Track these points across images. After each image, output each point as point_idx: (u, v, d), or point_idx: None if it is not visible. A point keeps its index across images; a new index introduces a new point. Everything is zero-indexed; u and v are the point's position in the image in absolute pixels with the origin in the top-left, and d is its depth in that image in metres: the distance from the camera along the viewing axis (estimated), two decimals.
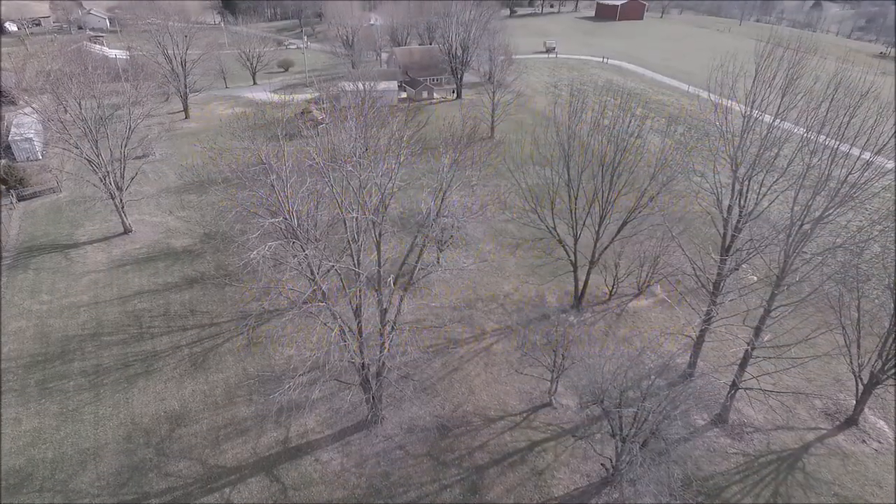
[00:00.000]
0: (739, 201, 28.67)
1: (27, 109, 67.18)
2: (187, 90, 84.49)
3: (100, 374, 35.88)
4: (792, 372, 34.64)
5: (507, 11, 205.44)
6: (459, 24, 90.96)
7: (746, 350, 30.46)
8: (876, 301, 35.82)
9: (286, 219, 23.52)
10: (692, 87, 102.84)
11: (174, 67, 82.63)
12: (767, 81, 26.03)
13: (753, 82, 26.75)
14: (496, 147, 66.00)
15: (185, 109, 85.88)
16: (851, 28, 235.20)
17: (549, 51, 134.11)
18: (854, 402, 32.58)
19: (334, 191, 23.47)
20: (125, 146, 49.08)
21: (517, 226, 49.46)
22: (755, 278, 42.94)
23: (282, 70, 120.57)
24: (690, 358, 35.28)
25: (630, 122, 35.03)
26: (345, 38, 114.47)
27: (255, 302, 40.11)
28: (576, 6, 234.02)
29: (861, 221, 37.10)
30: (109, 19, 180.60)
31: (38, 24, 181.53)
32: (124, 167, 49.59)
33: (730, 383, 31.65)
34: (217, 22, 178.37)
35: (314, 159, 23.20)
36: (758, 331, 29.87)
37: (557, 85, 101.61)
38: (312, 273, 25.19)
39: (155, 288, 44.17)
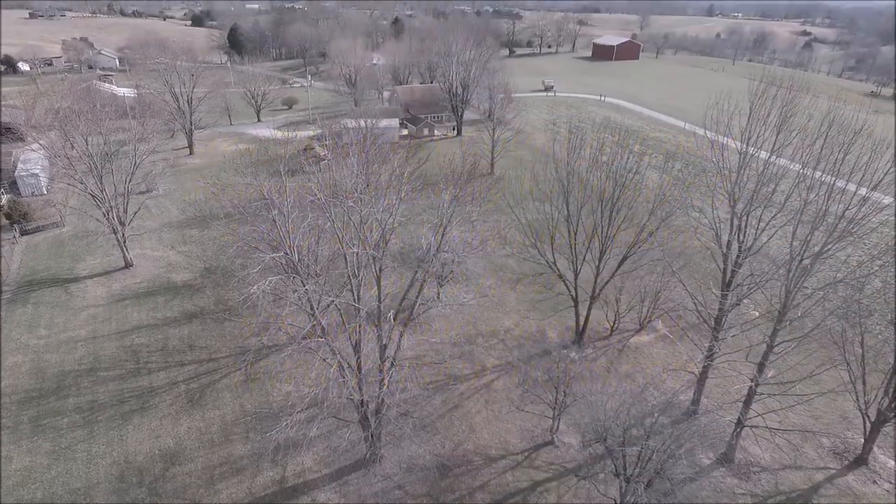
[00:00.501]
0: (738, 236, 28.83)
1: (34, 146, 68.36)
2: (192, 127, 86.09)
3: (94, 410, 35.32)
4: (798, 409, 34.07)
5: (507, 51, 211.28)
6: (460, 64, 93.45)
7: (750, 387, 30.05)
8: (879, 337, 35.59)
9: (287, 254, 23.63)
10: (688, 124, 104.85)
11: (181, 105, 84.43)
12: (762, 119, 26.56)
13: (748, 120, 27.30)
14: (496, 183, 66.75)
15: (190, 146, 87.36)
16: (842, 68, 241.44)
17: (547, 89, 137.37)
18: (862, 440, 31.92)
19: (335, 226, 23.63)
20: (129, 182, 49.72)
21: (517, 261, 49.54)
22: (757, 313, 42.74)
23: (286, 108, 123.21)
24: (694, 395, 34.77)
25: (628, 158, 35.56)
26: (348, 76, 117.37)
27: (254, 337, 39.82)
28: (573, 47, 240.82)
29: (861, 256, 37.21)
30: (119, 59, 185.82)
31: (50, 64, 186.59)
32: (127, 202, 50.09)
33: (735, 421, 31.09)
34: (223, 61, 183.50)
35: (315, 195, 23.43)
36: (761, 367, 29.54)
37: (556, 122, 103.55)
38: (312, 308, 25.12)
39: (154, 322, 43.94)
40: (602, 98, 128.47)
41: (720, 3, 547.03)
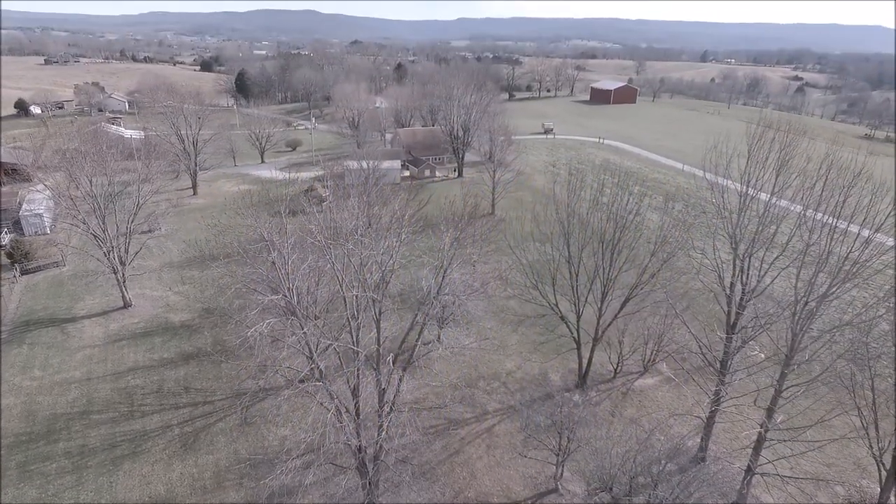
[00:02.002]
0: (741, 278, 28.62)
1: (39, 186, 69.27)
2: (197, 168, 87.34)
3: (85, 455, 34.29)
4: (809, 456, 33.00)
5: (507, 95, 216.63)
6: (461, 107, 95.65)
7: (760, 432, 29.20)
8: (889, 380, 34.78)
9: (286, 296, 23.40)
10: (686, 166, 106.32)
11: (186, 147, 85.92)
12: (761, 162, 26.81)
13: (748, 162, 27.55)
14: (497, 225, 67.03)
15: (194, 186, 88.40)
16: (835, 111, 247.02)
17: (546, 132, 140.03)
18: (878, 489, 30.71)
19: (335, 268, 23.49)
20: (132, 222, 49.99)
21: (519, 302, 49.13)
22: (763, 356, 42.05)
23: (290, 149, 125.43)
24: (701, 441, 33.78)
25: (628, 199, 35.73)
26: (351, 119, 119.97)
27: (251, 380, 39.09)
28: (571, 90, 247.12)
29: (866, 298, 36.81)
30: (129, 102, 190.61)
31: (62, 107, 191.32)
32: (129, 242, 50.23)
33: (745, 468, 30.06)
34: (230, 104, 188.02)
35: (316, 237, 23.40)
36: (770, 412, 28.78)
37: (556, 164, 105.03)
38: (310, 351, 24.69)
39: (150, 364, 43.26)
40: (601, 140, 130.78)
41: (713, 49, 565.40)
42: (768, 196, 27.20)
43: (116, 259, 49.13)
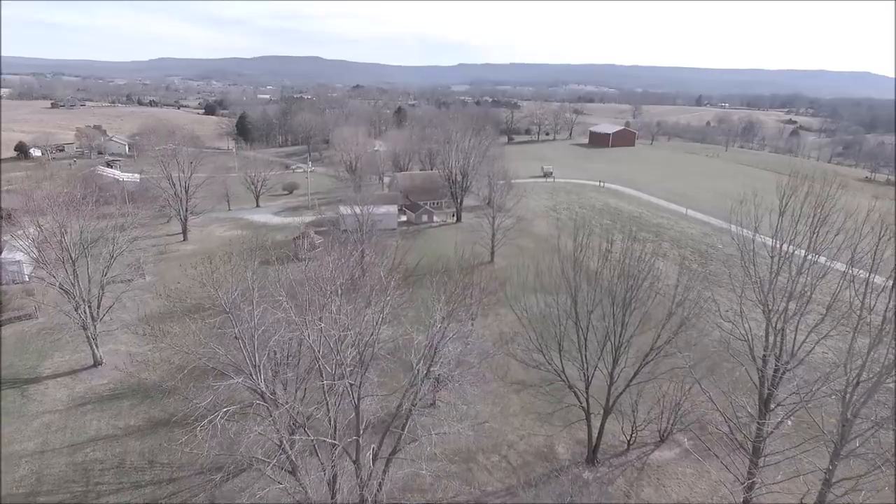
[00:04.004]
0: (775, 351, 25.12)
1: (19, 232, 66.59)
2: (187, 213, 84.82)
3: None
4: None
5: (506, 139, 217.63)
6: (459, 151, 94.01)
7: None
8: None
9: (250, 379, 19.98)
10: (690, 210, 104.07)
11: (177, 191, 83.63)
12: (796, 218, 23.70)
13: (780, 218, 24.46)
14: (495, 279, 63.35)
15: (184, 231, 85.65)
16: (830, 154, 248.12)
17: (546, 175, 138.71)
18: None
19: (311, 347, 20.10)
20: (105, 274, 46.77)
21: (522, 366, 44.94)
22: (790, 423, 37.96)
23: (286, 193, 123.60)
24: None
25: (640, 256, 32.50)
26: (348, 163, 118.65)
27: (221, 455, 34.91)
28: (570, 134, 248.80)
29: None
30: (129, 145, 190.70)
31: (62, 150, 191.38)
32: (101, 296, 46.85)
33: None
34: (230, 147, 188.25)
35: (288, 311, 20.17)
36: None
37: (556, 208, 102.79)
38: (281, 442, 20.97)
39: (113, 433, 39.11)
40: (601, 184, 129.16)
41: (707, 93, 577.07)
42: (804, 255, 24.00)
43: (87, 313, 45.64)
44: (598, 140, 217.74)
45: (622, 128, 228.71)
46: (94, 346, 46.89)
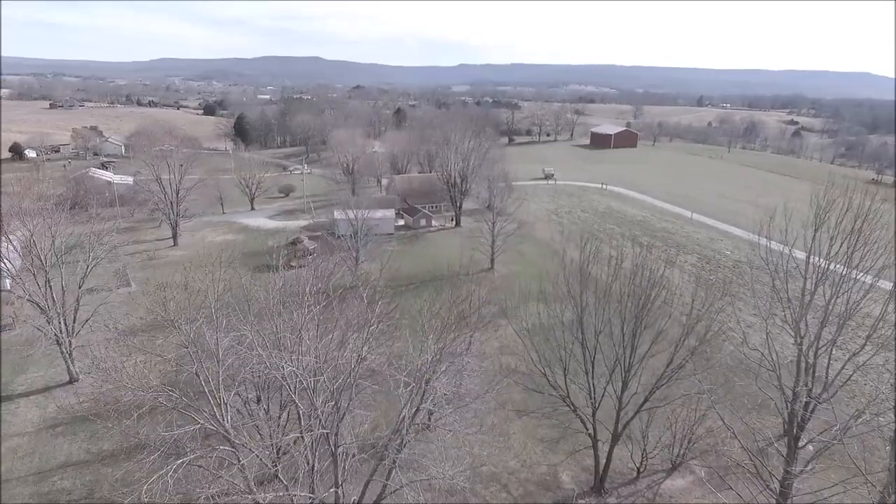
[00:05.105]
0: (808, 380, 22.45)
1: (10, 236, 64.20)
2: (177, 217, 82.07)
3: None
4: None
5: (506, 140, 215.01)
6: (458, 154, 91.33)
7: None
8: None
9: (214, 422, 17.39)
10: (695, 214, 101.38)
11: (168, 195, 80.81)
12: (833, 235, 21.03)
13: (815, 235, 21.79)
14: (496, 286, 60.75)
15: (174, 237, 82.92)
16: (833, 155, 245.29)
17: (547, 177, 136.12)
18: None
19: (284, 379, 17.48)
20: (81, 285, 44.15)
21: (523, 388, 42.07)
22: (811, 448, 35.31)
23: (282, 195, 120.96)
24: None
25: (650, 272, 29.77)
26: (345, 165, 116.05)
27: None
28: (571, 135, 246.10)
29: None
30: (125, 146, 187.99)
31: (57, 151, 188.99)
32: (77, 309, 44.22)
33: None
34: (226, 148, 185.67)
35: (251, 345, 17.57)
36: None
37: (558, 212, 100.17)
38: (251, 489, 18.36)
39: (86, 458, 36.49)
40: (604, 186, 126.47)
41: (708, 94, 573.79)
42: (843, 274, 21.32)
43: (62, 327, 43.00)
44: (599, 141, 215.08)
45: (624, 129, 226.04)
46: (69, 362, 44.27)
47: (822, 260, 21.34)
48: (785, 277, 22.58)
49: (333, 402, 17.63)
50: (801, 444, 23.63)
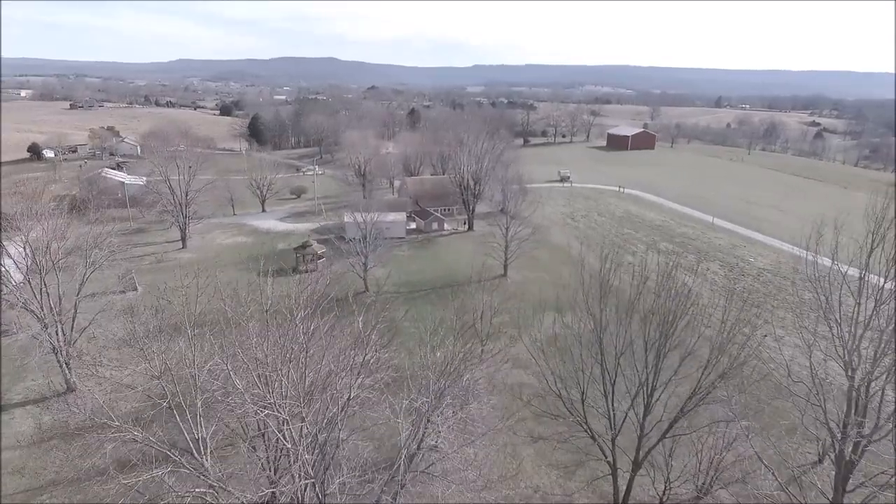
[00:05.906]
0: (858, 421, 19.90)
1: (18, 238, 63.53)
2: (186, 219, 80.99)
3: None
4: None
5: (521, 141, 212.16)
6: (471, 155, 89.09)
7: None
8: None
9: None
10: (717, 219, 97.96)
11: (176, 197, 79.79)
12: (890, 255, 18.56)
13: (870, 253, 19.29)
14: (509, 294, 58.41)
15: (183, 239, 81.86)
16: (857, 157, 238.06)
17: (563, 180, 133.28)
18: None
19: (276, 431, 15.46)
20: (79, 292, 42.81)
21: (537, 411, 39.52)
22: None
23: (294, 197, 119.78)
24: None
25: (677, 289, 27.31)
26: (357, 166, 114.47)
27: None
28: (587, 136, 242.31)
29: None
30: (141, 146, 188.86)
31: (75, 151, 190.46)
32: (75, 317, 42.90)
33: None
34: (240, 149, 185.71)
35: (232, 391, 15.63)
36: None
37: (574, 216, 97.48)
38: None
39: (76, 476, 34.92)
40: (621, 189, 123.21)
41: (726, 95, 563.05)
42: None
43: (59, 335, 41.70)
44: (616, 142, 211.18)
45: (641, 130, 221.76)
46: (67, 371, 42.97)
47: (882, 279, 18.86)
48: (839, 307, 20.08)
49: (318, 451, 15.65)
50: (849, 487, 21.10)
